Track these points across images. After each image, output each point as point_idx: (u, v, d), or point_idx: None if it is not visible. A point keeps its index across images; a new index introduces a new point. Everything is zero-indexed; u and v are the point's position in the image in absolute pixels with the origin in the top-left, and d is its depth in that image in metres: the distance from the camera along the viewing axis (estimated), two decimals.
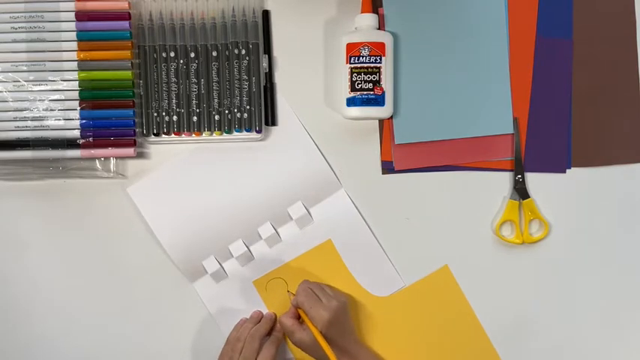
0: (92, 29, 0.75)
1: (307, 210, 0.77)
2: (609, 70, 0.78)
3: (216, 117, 0.76)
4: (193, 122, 0.76)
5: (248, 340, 0.73)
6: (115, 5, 0.76)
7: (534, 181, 0.78)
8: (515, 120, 0.77)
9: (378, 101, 0.74)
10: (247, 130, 0.76)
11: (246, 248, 0.77)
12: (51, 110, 0.75)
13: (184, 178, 0.77)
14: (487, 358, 0.78)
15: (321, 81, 0.78)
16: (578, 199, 0.78)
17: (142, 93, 0.76)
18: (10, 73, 0.75)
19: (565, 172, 0.78)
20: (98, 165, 0.77)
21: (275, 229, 0.77)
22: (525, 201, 0.77)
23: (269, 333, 0.76)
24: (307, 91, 0.78)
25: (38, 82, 0.75)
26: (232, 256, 0.77)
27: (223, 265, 0.77)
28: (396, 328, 0.78)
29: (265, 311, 0.78)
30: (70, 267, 0.78)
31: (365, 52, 0.74)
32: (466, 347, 0.78)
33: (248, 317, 0.77)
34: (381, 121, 0.78)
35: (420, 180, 0.78)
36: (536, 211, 0.77)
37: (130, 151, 0.76)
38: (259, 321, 0.76)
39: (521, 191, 0.77)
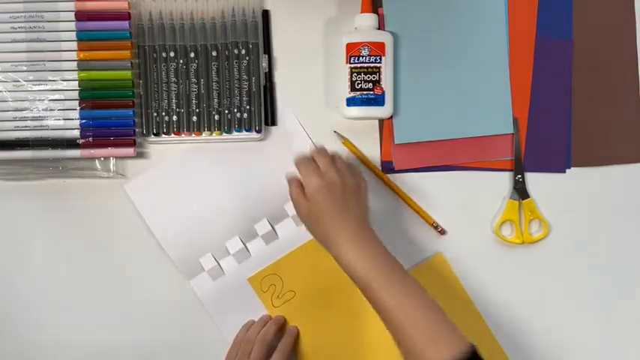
0: (92, 29, 0.76)
1: None
2: (609, 70, 0.78)
3: (216, 117, 0.76)
4: (193, 122, 0.76)
5: (257, 343, 0.72)
6: (115, 5, 0.76)
7: (534, 181, 0.78)
8: (515, 120, 0.77)
9: (378, 101, 0.74)
10: (247, 130, 0.76)
11: (242, 245, 0.77)
12: (51, 110, 0.76)
13: (183, 175, 0.77)
14: (485, 340, 0.77)
15: (321, 81, 0.78)
16: (578, 199, 0.78)
17: (141, 93, 0.76)
18: (10, 73, 0.75)
19: (565, 172, 0.78)
20: (98, 165, 0.77)
21: (272, 226, 0.77)
22: (525, 201, 0.77)
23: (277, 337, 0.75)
24: (307, 91, 0.78)
25: (38, 82, 0.75)
26: (229, 253, 0.77)
27: (220, 262, 0.77)
28: None
29: (263, 310, 0.77)
30: (70, 267, 0.78)
31: (365, 52, 0.74)
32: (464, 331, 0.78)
33: (256, 320, 0.77)
34: (381, 121, 0.78)
35: (420, 180, 0.78)
36: (536, 211, 0.77)
37: (130, 151, 0.76)
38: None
39: (521, 191, 0.77)
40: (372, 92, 0.74)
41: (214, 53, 0.76)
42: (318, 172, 0.68)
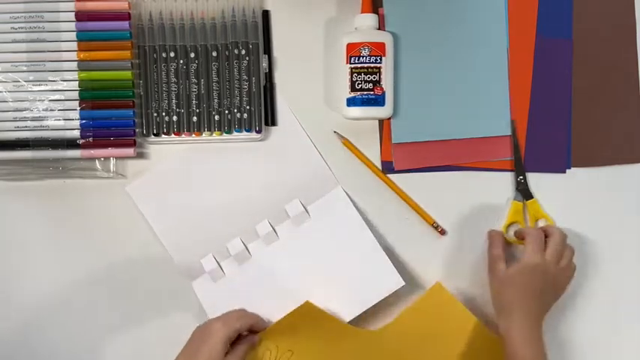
0: (92, 29, 0.76)
1: (304, 207, 0.77)
2: (609, 70, 0.78)
3: (216, 117, 0.76)
4: (193, 122, 0.76)
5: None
6: (115, 5, 0.76)
7: (534, 181, 0.78)
8: (513, 122, 0.77)
9: (378, 101, 0.74)
10: (247, 130, 0.77)
11: (243, 246, 0.77)
12: (51, 110, 0.76)
13: (184, 176, 0.77)
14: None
15: (321, 81, 0.78)
16: (578, 199, 0.78)
17: (142, 93, 0.76)
18: (10, 73, 0.75)
19: (565, 172, 0.78)
20: (98, 165, 0.77)
21: (272, 227, 0.77)
22: (529, 201, 0.77)
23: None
24: (307, 91, 0.78)
25: (38, 82, 0.75)
26: (230, 254, 0.77)
27: (221, 263, 0.77)
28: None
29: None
30: (70, 267, 0.78)
31: (365, 52, 0.74)
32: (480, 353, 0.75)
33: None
34: (381, 121, 0.78)
35: (420, 180, 0.78)
36: (540, 211, 0.77)
37: (130, 151, 0.76)
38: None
39: (524, 192, 0.77)
40: (372, 92, 0.74)
41: (214, 53, 0.76)
42: (542, 253, 0.71)
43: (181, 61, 0.76)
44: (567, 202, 0.78)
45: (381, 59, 0.74)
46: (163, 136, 0.76)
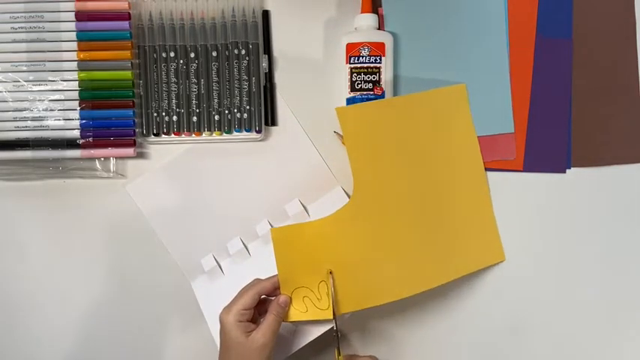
0: (92, 29, 0.76)
1: (304, 207, 0.77)
2: (609, 70, 0.78)
3: (216, 117, 0.76)
4: (193, 122, 0.76)
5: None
6: (115, 5, 0.76)
7: (534, 181, 0.78)
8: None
9: None
10: (247, 130, 0.77)
11: (242, 246, 0.77)
12: (51, 110, 0.76)
13: (184, 176, 0.78)
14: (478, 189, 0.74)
15: (321, 81, 0.78)
16: (578, 199, 0.78)
17: (141, 93, 0.76)
18: (10, 73, 0.75)
19: (565, 172, 0.78)
20: (98, 165, 0.77)
21: (272, 227, 0.77)
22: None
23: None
24: (307, 91, 0.78)
25: (38, 82, 0.75)
26: (229, 254, 0.77)
27: (221, 263, 0.77)
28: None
29: None
30: (70, 267, 0.78)
31: (365, 52, 0.74)
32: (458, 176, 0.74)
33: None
34: None
35: None
36: None
37: (130, 151, 0.76)
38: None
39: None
40: (372, 92, 0.74)
41: (214, 53, 0.76)
42: None
43: (181, 61, 0.76)
44: (567, 202, 0.78)
45: (380, 59, 0.74)
46: (163, 136, 0.76)
